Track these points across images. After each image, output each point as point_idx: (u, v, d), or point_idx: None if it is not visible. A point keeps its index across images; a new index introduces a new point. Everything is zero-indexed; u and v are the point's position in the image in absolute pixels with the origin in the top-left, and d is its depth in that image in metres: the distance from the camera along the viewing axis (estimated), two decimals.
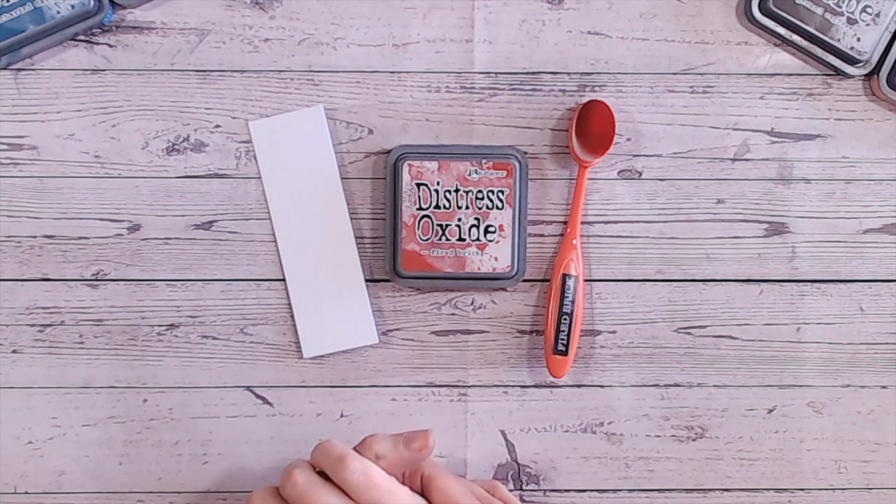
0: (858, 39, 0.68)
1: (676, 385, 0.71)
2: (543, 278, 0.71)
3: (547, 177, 0.70)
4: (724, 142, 0.70)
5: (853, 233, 0.71)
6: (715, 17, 0.70)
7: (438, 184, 0.68)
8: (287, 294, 0.70)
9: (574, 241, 0.69)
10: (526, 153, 0.70)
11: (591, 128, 0.69)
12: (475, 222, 0.68)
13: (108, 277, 0.70)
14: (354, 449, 0.58)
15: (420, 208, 0.68)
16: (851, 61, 0.69)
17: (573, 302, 0.68)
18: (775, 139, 0.70)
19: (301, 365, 0.70)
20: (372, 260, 0.70)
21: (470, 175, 0.68)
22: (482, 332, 0.71)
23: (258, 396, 0.70)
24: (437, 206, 0.68)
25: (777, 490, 0.72)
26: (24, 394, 0.70)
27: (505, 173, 0.68)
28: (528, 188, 0.70)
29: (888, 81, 0.68)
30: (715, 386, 0.71)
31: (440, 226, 0.68)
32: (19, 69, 0.69)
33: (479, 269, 0.68)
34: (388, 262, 0.69)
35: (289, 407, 0.71)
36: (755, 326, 0.71)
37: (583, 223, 0.70)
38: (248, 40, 0.69)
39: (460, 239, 0.68)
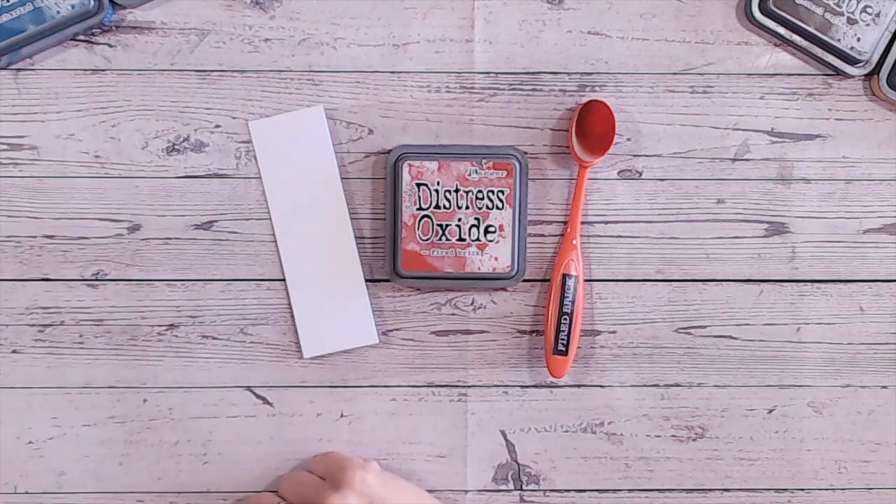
0: (858, 39, 0.68)
1: (676, 385, 0.71)
2: (543, 278, 0.71)
3: (547, 177, 0.70)
4: (724, 142, 0.70)
5: (853, 233, 0.71)
6: (715, 17, 0.70)
7: (438, 184, 0.68)
8: (287, 294, 0.70)
9: (574, 241, 0.69)
10: (526, 153, 0.70)
11: (591, 128, 0.69)
12: (475, 222, 0.68)
13: (108, 277, 0.70)
14: None
15: (420, 208, 0.68)
16: (851, 61, 0.69)
17: (573, 302, 0.68)
18: (775, 139, 0.70)
19: (301, 365, 0.70)
20: (372, 260, 0.70)
21: (470, 175, 0.68)
22: (482, 332, 0.71)
23: (258, 396, 0.70)
24: (437, 206, 0.68)
25: (777, 490, 0.72)
26: (24, 394, 0.70)
27: (505, 173, 0.68)
28: (528, 188, 0.70)
29: (888, 81, 0.68)
30: (715, 386, 0.71)
31: (440, 226, 0.68)
32: (19, 69, 0.69)
33: (479, 269, 0.68)
34: (388, 262, 0.69)
35: (289, 407, 0.70)
36: (755, 326, 0.71)
37: (583, 223, 0.70)
38: (248, 40, 0.69)
39: (460, 239, 0.68)
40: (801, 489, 0.71)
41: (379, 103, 0.70)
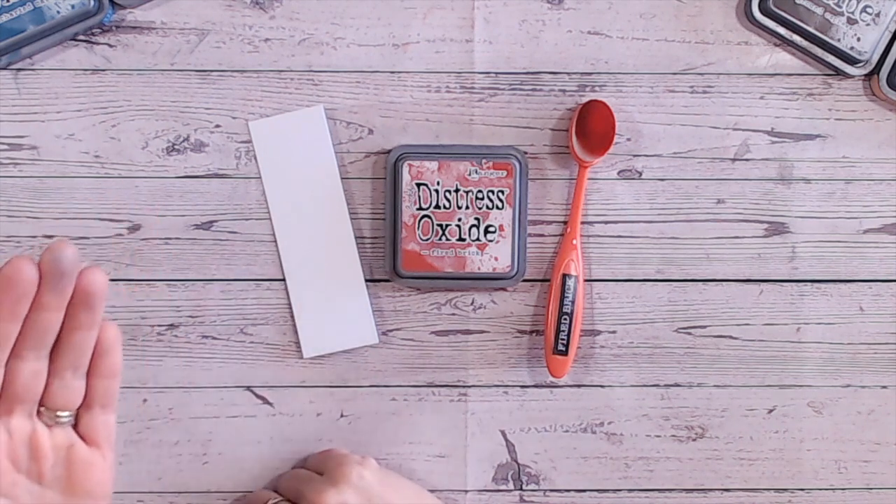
0: (858, 39, 0.68)
1: (676, 385, 0.71)
2: (543, 278, 0.71)
3: (547, 177, 0.70)
4: (724, 142, 0.70)
5: (853, 233, 0.71)
6: (715, 17, 0.70)
7: (438, 184, 0.68)
8: (287, 294, 0.70)
9: (574, 241, 0.69)
10: (526, 153, 0.70)
11: (591, 128, 0.69)
12: (475, 222, 0.68)
13: (108, 277, 0.69)
14: None
15: (420, 208, 0.68)
16: (851, 61, 0.69)
17: (573, 302, 0.68)
18: (775, 139, 0.70)
19: (301, 365, 0.70)
20: (372, 260, 0.70)
21: (470, 175, 0.68)
22: (482, 332, 0.71)
23: (258, 396, 0.70)
24: (437, 206, 0.68)
25: (777, 490, 0.72)
26: None
27: (505, 173, 0.68)
28: (528, 188, 0.70)
29: (888, 81, 0.68)
30: (715, 386, 0.71)
31: (440, 226, 0.68)
32: (19, 69, 0.69)
33: (479, 269, 0.68)
34: (388, 262, 0.69)
35: (289, 407, 0.70)
36: (755, 326, 0.71)
37: (583, 223, 0.70)
38: (248, 40, 0.69)
39: (460, 239, 0.68)
40: (801, 489, 0.71)
41: (379, 103, 0.70)
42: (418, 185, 0.68)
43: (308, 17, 0.69)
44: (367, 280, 0.70)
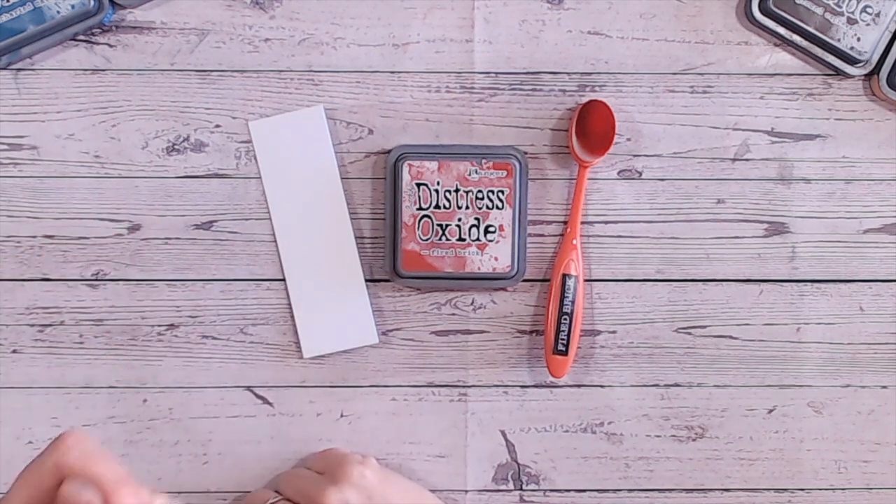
0: (858, 39, 0.68)
1: (676, 385, 0.71)
2: (543, 278, 0.71)
3: (547, 177, 0.70)
4: (724, 142, 0.70)
5: (853, 233, 0.71)
6: (715, 17, 0.70)
7: (438, 184, 0.68)
8: (287, 294, 0.70)
9: (574, 241, 0.69)
10: (526, 153, 0.70)
11: (591, 128, 0.69)
12: (475, 222, 0.68)
13: (108, 277, 0.70)
14: None
15: (420, 208, 0.68)
16: (851, 61, 0.69)
17: (573, 302, 0.68)
18: (775, 139, 0.70)
19: (301, 365, 0.70)
20: (372, 260, 0.70)
21: (470, 175, 0.68)
22: (482, 332, 0.71)
23: (258, 396, 0.70)
24: (437, 206, 0.68)
25: (777, 490, 0.72)
26: (24, 394, 0.70)
27: (505, 173, 0.68)
28: (528, 188, 0.70)
29: (888, 81, 0.68)
30: (715, 386, 0.71)
31: (440, 226, 0.68)
32: (19, 69, 0.69)
33: (479, 269, 0.68)
34: (388, 262, 0.69)
35: (289, 407, 0.71)
36: (755, 326, 0.71)
37: (583, 223, 0.70)
38: (248, 40, 0.69)
39: (460, 239, 0.68)
40: (801, 489, 0.71)
41: (379, 103, 0.70)
42: (418, 185, 0.68)
43: (308, 17, 0.69)
44: (367, 280, 0.70)
